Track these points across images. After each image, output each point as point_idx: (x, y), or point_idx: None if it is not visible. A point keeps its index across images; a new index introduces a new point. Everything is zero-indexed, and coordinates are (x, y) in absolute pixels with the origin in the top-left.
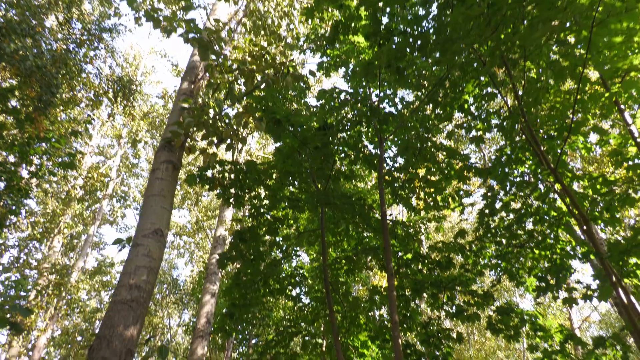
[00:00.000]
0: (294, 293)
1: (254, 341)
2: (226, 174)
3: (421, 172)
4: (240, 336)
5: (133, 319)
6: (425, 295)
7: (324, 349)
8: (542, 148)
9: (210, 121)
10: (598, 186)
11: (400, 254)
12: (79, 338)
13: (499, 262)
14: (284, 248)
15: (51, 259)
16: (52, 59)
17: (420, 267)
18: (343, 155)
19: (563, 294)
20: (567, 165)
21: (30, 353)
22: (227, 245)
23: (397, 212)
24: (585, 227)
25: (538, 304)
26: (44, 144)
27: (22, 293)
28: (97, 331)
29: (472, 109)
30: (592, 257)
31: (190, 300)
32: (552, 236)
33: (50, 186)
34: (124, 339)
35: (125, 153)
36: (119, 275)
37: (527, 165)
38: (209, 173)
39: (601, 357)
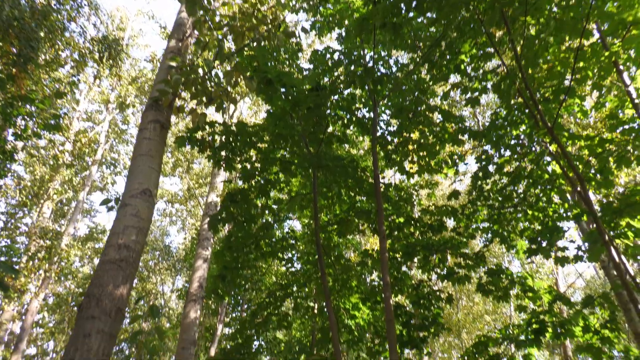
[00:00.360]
0: (286, 257)
1: (246, 306)
2: (216, 136)
3: (415, 136)
4: (233, 301)
5: (122, 278)
6: (416, 260)
7: (315, 311)
8: (539, 107)
9: (200, 80)
10: (594, 146)
11: (392, 217)
12: (73, 303)
13: (491, 225)
14: (276, 212)
15: (41, 224)
16: (30, 10)
17: (412, 230)
18: (336, 118)
19: (554, 256)
20: (563, 127)
21: (24, 317)
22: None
23: (390, 176)
24: (580, 187)
25: (526, 270)
26: (28, 106)
27: (14, 259)
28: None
29: (469, 70)
30: (584, 218)
31: (183, 266)
32: (544, 199)
33: (37, 152)
34: (114, 298)
35: (113, 119)
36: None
37: (522, 130)
38: (199, 135)
39: (589, 318)
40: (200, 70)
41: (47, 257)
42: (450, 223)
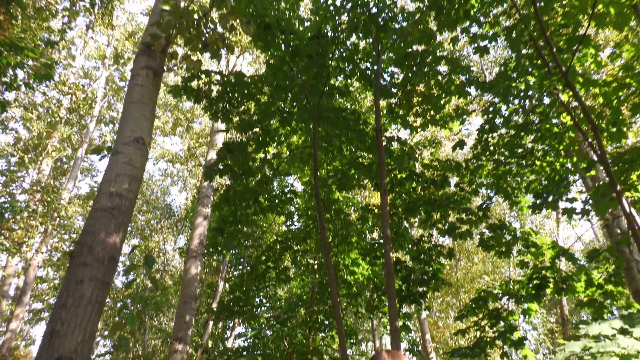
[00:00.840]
0: (285, 212)
1: (247, 264)
2: (213, 87)
3: (420, 89)
4: (234, 258)
5: (115, 226)
6: (417, 219)
7: (315, 267)
8: (553, 49)
9: (194, 24)
10: (609, 93)
11: (394, 172)
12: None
13: (495, 180)
14: (275, 166)
15: (41, 182)
16: None
17: (414, 186)
18: (337, 70)
19: (561, 208)
20: (577, 74)
21: (27, 272)
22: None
23: (392, 132)
24: (593, 136)
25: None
26: (18, 58)
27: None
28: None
29: (478, 15)
30: (592, 172)
31: (184, 226)
32: (551, 153)
33: (34, 108)
34: (106, 246)
35: (110, 75)
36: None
37: (531, 83)
38: (195, 85)
39: (591, 273)
40: (195, 16)
41: (45, 210)
42: (453, 183)
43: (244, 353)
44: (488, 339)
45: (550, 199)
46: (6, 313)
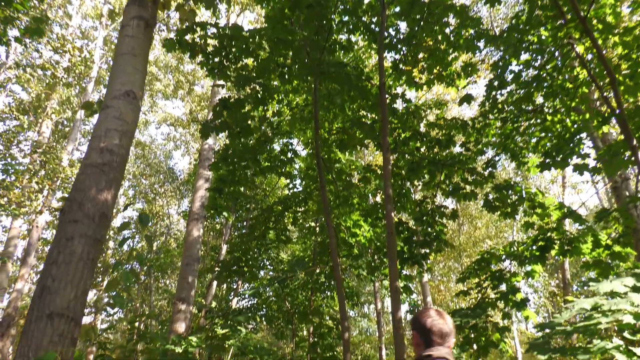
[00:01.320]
0: (285, 172)
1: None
2: (209, 41)
3: (426, 43)
4: (237, 222)
5: (106, 183)
6: (421, 181)
7: (317, 229)
8: None
9: None
10: (630, 41)
11: (398, 132)
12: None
13: (503, 139)
14: (275, 125)
15: (41, 144)
16: None
17: (418, 145)
18: (340, 25)
19: (565, 177)
20: (595, 20)
21: (30, 233)
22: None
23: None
24: (611, 88)
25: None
26: (7, 11)
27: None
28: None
29: None
30: (604, 130)
31: (187, 190)
32: (563, 111)
33: (33, 69)
34: (97, 203)
35: (109, 35)
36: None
37: (544, 37)
38: (190, 39)
39: (598, 234)
40: None
41: (47, 174)
42: (458, 143)
43: (248, 313)
44: (490, 300)
45: (559, 157)
46: (15, 274)
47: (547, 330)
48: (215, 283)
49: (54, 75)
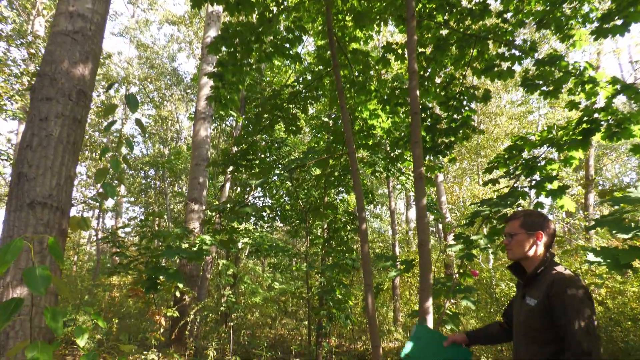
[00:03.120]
0: (292, 53)
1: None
2: None
3: None
4: (246, 121)
5: (80, 54)
6: (448, 61)
7: (330, 125)
8: None
9: None
10: None
11: (423, 2)
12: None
13: (547, 5)
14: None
15: (36, 43)
16: None
17: (447, 18)
18: None
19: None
20: None
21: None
22: (221, 23)
23: None
24: None
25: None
26: None
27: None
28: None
29: None
30: None
31: (195, 94)
32: None
33: None
34: (72, 77)
35: None
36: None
37: None
38: None
39: None
40: None
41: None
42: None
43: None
44: (521, 191)
45: (620, 20)
46: None
47: (616, 207)
48: (228, 185)
49: None
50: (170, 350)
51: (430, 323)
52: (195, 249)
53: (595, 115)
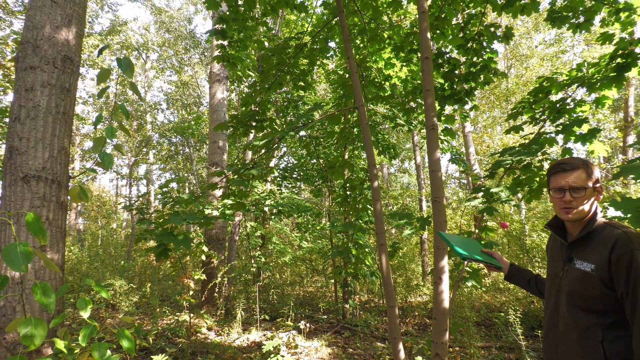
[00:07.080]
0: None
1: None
2: None
3: None
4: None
5: (62, 18)
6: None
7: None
8: None
9: None
10: None
11: None
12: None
13: None
14: None
15: None
16: None
17: None
18: None
19: None
20: None
21: None
22: None
23: None
24: None
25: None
26: None
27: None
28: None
29: None
30: None
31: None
32: None
33: None
34: (56, 43)
35: None
36: None
37: None
38: None
39: None
40: None
41: None
42: None
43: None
44: (546, 137)
45: None
46: None
47: None
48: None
49: None
50: (201, 311)
51: (446, 283)
52: (217, 213)
53: (632, 47)
